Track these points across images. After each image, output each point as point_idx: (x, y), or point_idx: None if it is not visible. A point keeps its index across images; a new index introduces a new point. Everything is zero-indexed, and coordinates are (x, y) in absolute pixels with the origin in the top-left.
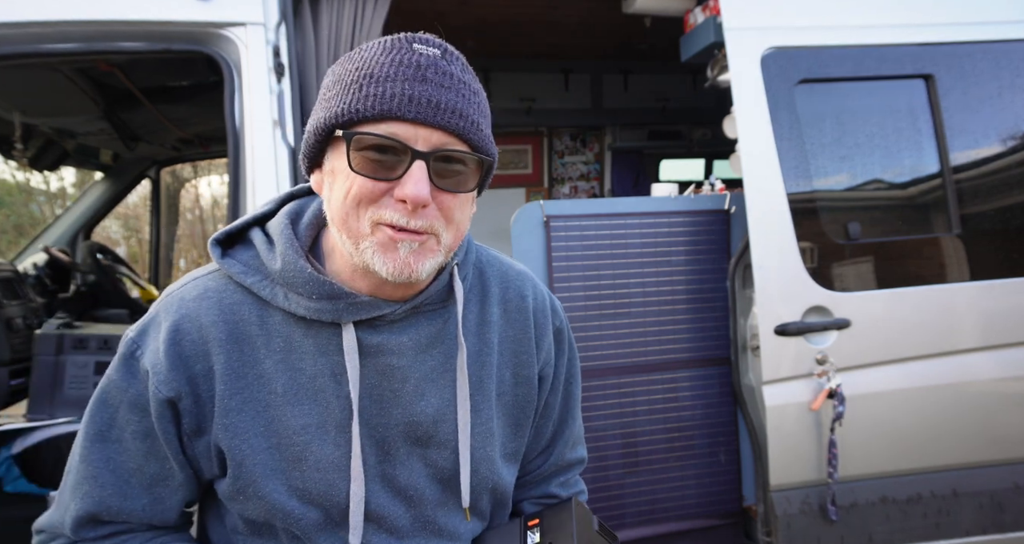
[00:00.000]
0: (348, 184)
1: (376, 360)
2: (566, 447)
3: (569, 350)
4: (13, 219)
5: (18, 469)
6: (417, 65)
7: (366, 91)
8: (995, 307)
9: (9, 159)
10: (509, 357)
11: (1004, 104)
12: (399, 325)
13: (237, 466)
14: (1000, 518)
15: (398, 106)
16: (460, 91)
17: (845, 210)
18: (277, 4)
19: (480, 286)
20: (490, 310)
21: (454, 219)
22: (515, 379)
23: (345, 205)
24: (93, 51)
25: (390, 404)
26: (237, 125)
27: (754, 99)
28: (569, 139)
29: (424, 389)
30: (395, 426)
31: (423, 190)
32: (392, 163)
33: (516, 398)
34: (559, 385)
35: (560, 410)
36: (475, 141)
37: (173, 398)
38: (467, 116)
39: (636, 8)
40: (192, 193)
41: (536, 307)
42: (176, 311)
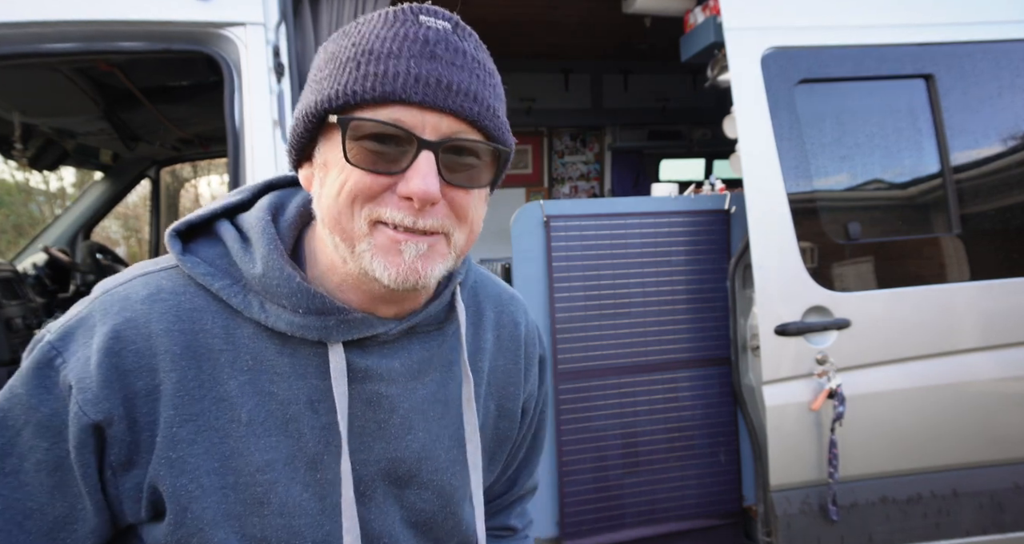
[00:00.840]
0: (343, 178)
1: (362, 387)
2: (529, 477)
3: (546, 379)
4: (13, 219)
5: None
6: (425, 40)
7: (365, 70)
8: (995, 307)
9: (9, 159)
10: (496, 388)
11: (1004, 104)
12: (391, 347)
13: (181, 511)
14: (1000, 518)
15: (403, 87)
16: (474, 71)
17: (845, 210)
18: (277, 4)
19: (474, 308)
20: (483, 336)
21: (468, 218)
22: (499, 412)
23: (338, 203)
24: (93, 51)
25: (372, 438)
26: (237, 125)
27: (754, 99)
28: (569, 139)
29: (412, 422)
30: (375, 463)
31: (432, 185)
32: (395, 154)
33: (496, 432)
34: (534, 420)
35: (531, 441)
36: (491, 129)
37: (101, 423)
38: (482, 100)
39: (636, 8)
40: (192, 193)
41: (528, 335)
42: (118, 313)
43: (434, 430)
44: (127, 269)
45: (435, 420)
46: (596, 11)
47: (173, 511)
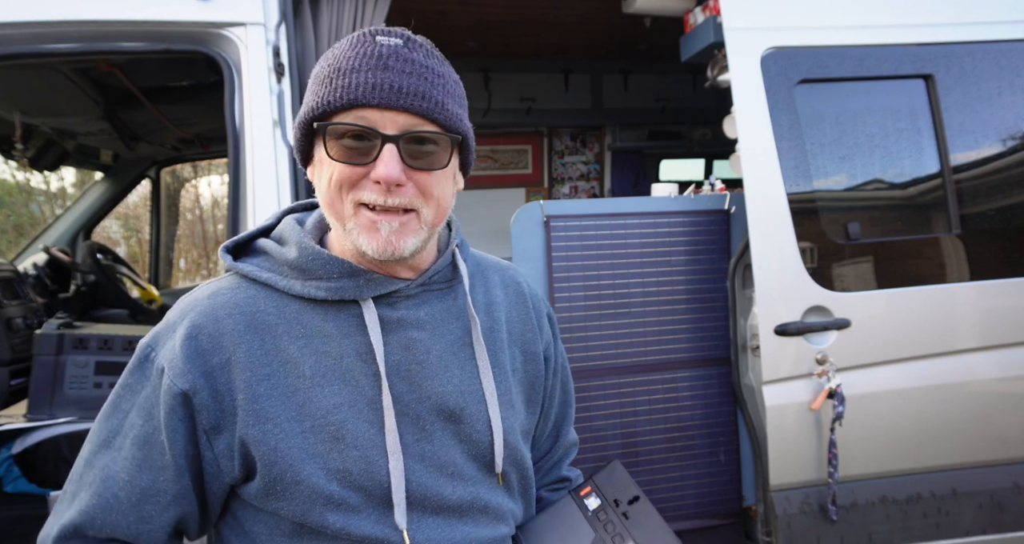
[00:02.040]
0: (330, 171)
1: (398, 335)
2: (569, 429)
3: (558, 334)
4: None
5: (18, 469)
6: (379, 55)
7: (335, 84)
8: (995, 307)
9: (9, 159)
10: (517, 335)
11: (1004, 104)
12: (414, 301)
13: (271, 452)
14: (1000, 518)
15: (363, 94)
16: (422, 75)
17: (845, 210)
18: (277, 4)
19: (480, 275)
20: (494, 292)
21: (433, 194)
22: (524, 356)
23: (330, 190)
24: (93, 51)
25: (418, 378)
26: (237, 125)
27: (754, 99)
28: (569, 139)
29: (447, 362)
30: (425, 400)
31: (393, 170)
32: (366, 148)
33: (527, 374)
34: (558, 369)
35: (561, 393)
36: (442, 120)
37: (188, 391)
38: (430, 97)
39: (636, 8)
40: (192, 193)
41: (531, 293)
42: (191, 311)
43: (468, 368)
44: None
45: (467, 361)
46: (596, 11)
47: (264, 456)
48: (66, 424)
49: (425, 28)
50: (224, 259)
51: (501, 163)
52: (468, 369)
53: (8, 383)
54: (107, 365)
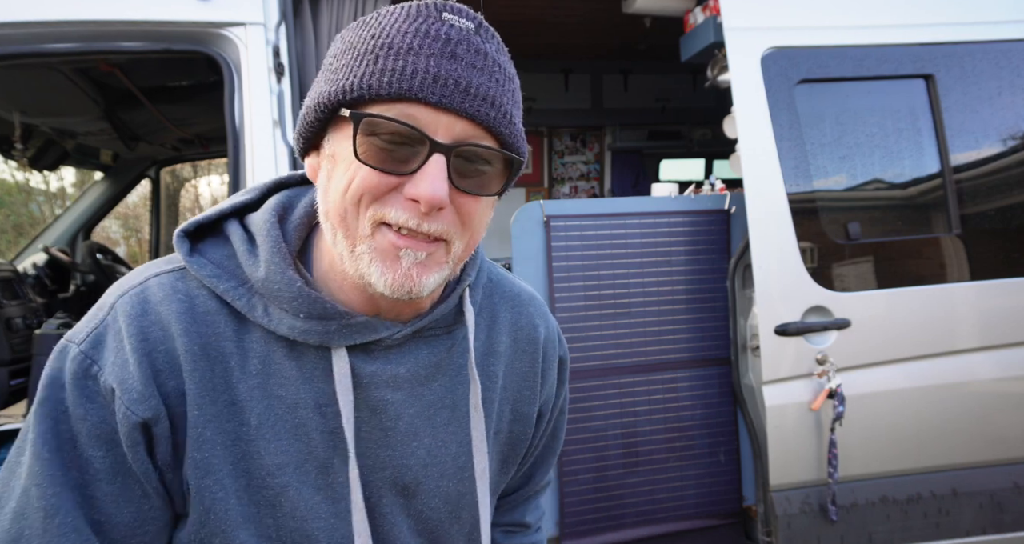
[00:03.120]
0: (350, 175)
1: (367, 393)
2: (544, 475)
3: (565, 381)
4: (13, 219)
5: None
6: (447, 39)
7: (383, 64)
8: (995, 307)
9: (9, 159)
10: (512, 392)
11: (1004, 104)
12: (396, 352)
13: (205, 512)
14: (1000, 518)
15: (420, 85)
16: (494, 74)
17: (845, 210)
18: (277, 4)
19: (489, 310)
20: (498, 339)
21: (471, 226)
22: (513, 416)
23: (344, 200)
24: (93, 51)
25: (377, 445)
26: (237, 125)
27: (754, 99)
28: (569, 139)
29: (417, 428)
30: (380, 470)
31: (440, 189)
32: (406, 154)
33: (511, 436)
34: (553, 418)
35: (547, 441)
36: (506, 136)
37: (148, 421)
38: (500, 105)
39: (636, 8)
40: (192, 193)
41: (547, 337)
42: (141, 316)
43: (440, 436)
44: (137, 269)
45: (442, 426)
46: (596, 11)
47: (197, 511)
48: None
49: None
50: (179, 248)
51: None
52: (440, 436)
53: (8, 383)
54: None
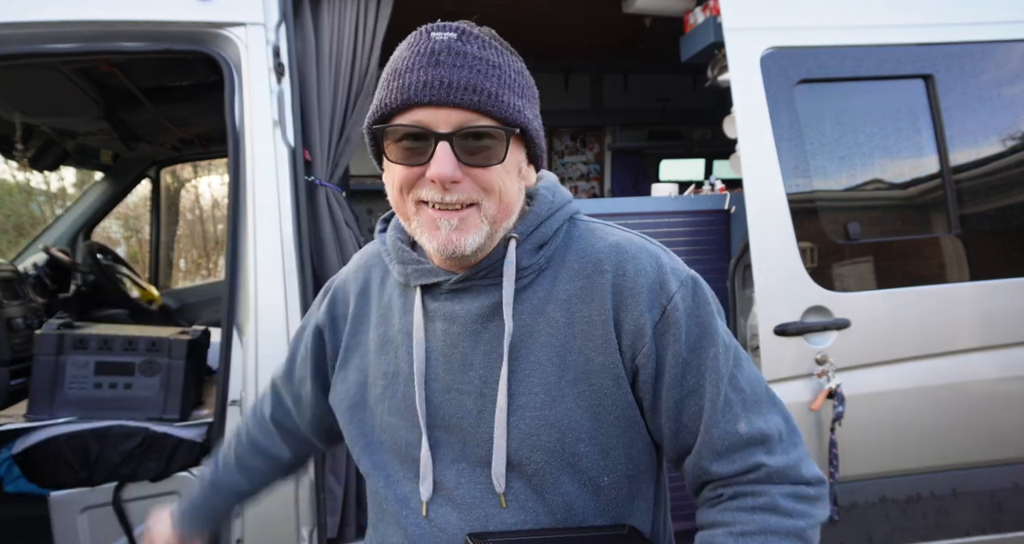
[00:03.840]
0: (392, 175)
1: (434, 324)
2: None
3: (694, 337)
4: (14, 219)
5: (18, 469)
6: (431, 52)
7: (392, 86)
8: (995, 307)
9: (9, 159)
10: (579, 341)
11: (1004, 104)
12: (457, 294)
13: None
14: (999, 518)
15: (415, 93)
16: (475, 68)
17: (845, 210)
18: (277, 4)
19: (559, 263)
20: (561, 287)
21: (494, 189)
22: (586, 366)
23: (394, 193)
24: (93, 51)
25: (444, 368)
26: (237, 125)
27: (754, 99)
28: (569, 139)
29: (472, 359)
30: (446, 392)
31: (446, 168)
32: (422, 148)
33: (589, 388)
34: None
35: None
36: (496, 113)
37: (320, 326)
38: (483, 90)
39: (636, 8)
40: (192, 193)
41: (620, 282)
42: (350, 265)
43: (495, 372)
44: None
45: (496, 362)
46: (596, 11)
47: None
48: (66, 424)
49: None
50: (378, 227)
51: None
52: (493, 374)
53: (8, 383)
54: (107, 365)
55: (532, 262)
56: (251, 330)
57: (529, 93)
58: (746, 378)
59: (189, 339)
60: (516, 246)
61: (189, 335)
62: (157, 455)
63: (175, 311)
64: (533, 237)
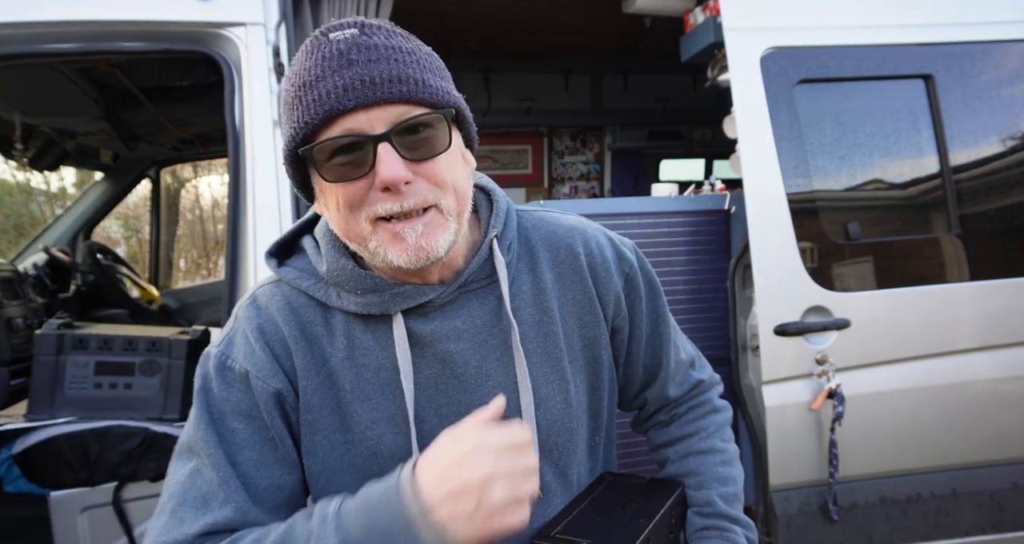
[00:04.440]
0: (334, 197)
1: (434, 349)
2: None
3: (649, 291)
4: (13, 219)
5: (18, 469)
6: (338, 53)
7: (306, 101)
8: (995, 307)
9: (9, 159)
10: (573, 321)
11: (1004, 104)
12: (450, 308)
13: (319, 462)
14: (999, 518)
15: (336, 101)
16: (391, 58)
17: (845, 210)
18: (277, 4)
19: (528, 254)
20: (542, 276)
21: (446, 182)
22: (583, 342)
23: (341, 216)
24: (93, 51)
25: (455, 392)
26: (237, 125)
27: (754, 99)
28: (569, 139)
29: (488, 371)
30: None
31: (396, 170)
32: (360, 159)
33: (588, 362)
34: (641, 332)
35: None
36: (427, 99)
37: (281, 390)
38: (407, 78)
39: (636, 8)
40: (192, 193)
41: (592, 261)
42: (256, 317)
43: (512, 374)
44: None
45: (509, 366)
46: (596, 11)
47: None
48: (66, 424)
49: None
50: (269, 264)
51: (501, 163)
52: (511, 374)
53: (8, 383)
54: (107, 365)
55: (510, 258)
56: None
57: (447, 75)
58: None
59: (189, 339)
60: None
61: (189, 335)
62: (157, 455)
63: (175, 311)
64: (505, 232)
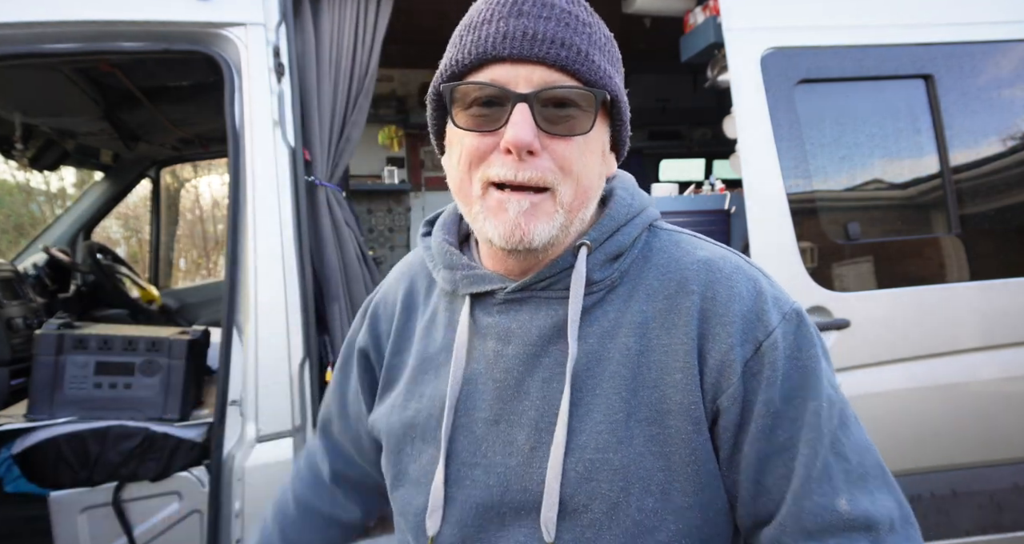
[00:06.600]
0: (458, 148)
1: (484, 343)
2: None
3: (788, 379)
4: (14, 219)
5: (18, 469)
6: (513, 2)
7: (465, 40)
8: (995, 307)
9: (9, 159)
10: (655, 372)
11: (1004, 104)
12: (513, 307)
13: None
14: (999, 518)
15: (492, 45)
16: (564, 21)
17: (845, 210)
18: (277, 4)
19: (635, 277)
20: (636, 307)
21: (572, 170)
22: (664, 404)
23: (459, 171)
24: (93, 51)
25: (491, 396)
26: (237, 125)
27: (754, 99)
28: None
29: (528, 387)
30: (492, 423)
31: (524, 133)
32: (496, 114)
33: (663, 429)
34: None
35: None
36: (584, 73)
37: (364, 348)
38: (571, 45)
39: (636, 8)
40: (192, 193)
41: (707, 308)
42: (389, 277)
43: (554, 403)
44: None
45: (557, 391)
46: (596, 11)
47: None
48: (66, 424)
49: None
50: (421, 231)
51: None
52: (553, 401)
53: (8, 383)
54: (107, 365)
55: (604, 276)
56: (251, 330)
57: (619, 63)
58: (853, 444)
59: (189, 339)
60: (587, 255)
61: (189, 335)
62: (157, 455)
63: (175, 311)
64: (607, 246)
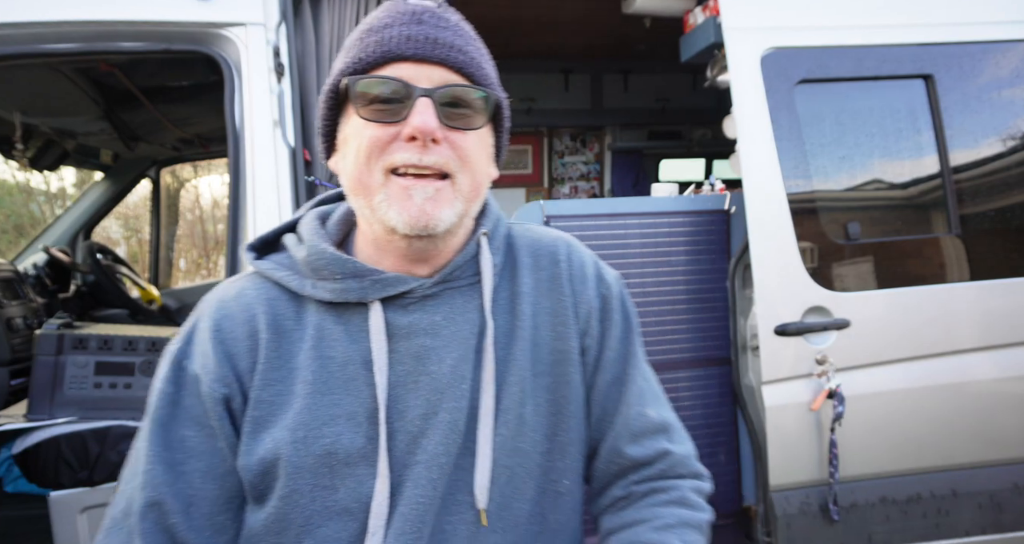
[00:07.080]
0: (359, 140)
1: (409, 343)
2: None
3: (624, 325)
4: (13, 219)
5: (18, 469)
6: (413, 12)
7: (366, 41)
8: (995, 307)
9: (9, 159)
10: (546, 331)
11: (1004, 104)
12: (431, 302)
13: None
14: (999, 518)
15: (397, 45)
16: (458, 33)
17: (845, 210)
18: (277, 4)
19: (510, 261)
20: (520, 280)
21: (470, 160)
22: (553, 356)
23: (358, 163)
24: (93, 51)
25: (427, 392)
26: (237, 125)
27: (754, 99)
28: (569, 139)
29: (463, 371)
30: (432, 416)
31: (429, 120)
32: (398, 108)
33: (555, 378)
34: (606, 361)
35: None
36: (478, 78)
37: (227, 396)
38: (466, 52)
39: (636, 8)
40: (192, 193)
41: (572, 270)
42: (217, 311)
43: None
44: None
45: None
46: (596, 11)
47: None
48: (66, 424)
49: None
50: (247, 257)
51: (501, 163)
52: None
53: (8, 383)
54: (107, 365)
55: (499, 260)
56: None
57: (498, 79)
58: (650, 372)
59: None
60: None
61: None
62: None
63: (175, 311)
64: (494, 236)
